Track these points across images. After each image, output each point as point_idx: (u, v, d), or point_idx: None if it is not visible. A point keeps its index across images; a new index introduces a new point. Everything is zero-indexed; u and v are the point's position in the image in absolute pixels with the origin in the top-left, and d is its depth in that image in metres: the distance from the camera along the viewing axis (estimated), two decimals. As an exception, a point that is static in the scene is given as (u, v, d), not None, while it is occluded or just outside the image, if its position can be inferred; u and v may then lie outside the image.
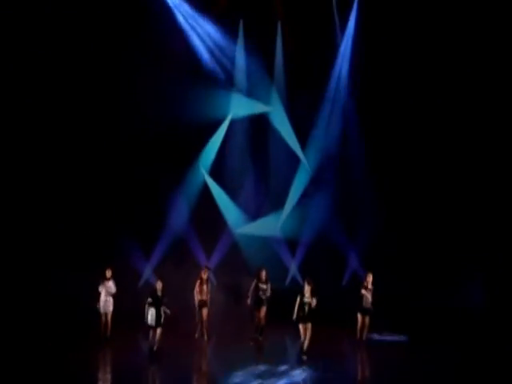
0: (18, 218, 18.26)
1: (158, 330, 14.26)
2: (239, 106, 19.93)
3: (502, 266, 18.40)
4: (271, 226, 19.87)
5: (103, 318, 15.54)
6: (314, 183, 19.92)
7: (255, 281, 16.27)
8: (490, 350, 15.06)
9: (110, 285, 15.64)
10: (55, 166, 18.67)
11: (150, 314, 14.28)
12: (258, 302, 16.19)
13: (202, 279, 16.16)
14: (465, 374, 13.20)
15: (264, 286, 16.14)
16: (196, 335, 16.15)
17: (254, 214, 20.08)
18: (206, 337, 16.15)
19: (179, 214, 19.39)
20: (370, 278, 15.80)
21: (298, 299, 14.21)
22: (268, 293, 16.15)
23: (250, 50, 19.59)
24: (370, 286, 15.77)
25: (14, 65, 17.82)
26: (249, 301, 16.22)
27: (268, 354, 15.23)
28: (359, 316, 15.80)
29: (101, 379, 12.98)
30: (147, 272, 18.89)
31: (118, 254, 17.93)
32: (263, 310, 16.19)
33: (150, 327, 14.28)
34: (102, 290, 15.55)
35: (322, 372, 13.39)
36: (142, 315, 14.45)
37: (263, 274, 16.27)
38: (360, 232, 19.41)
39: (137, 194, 18.99)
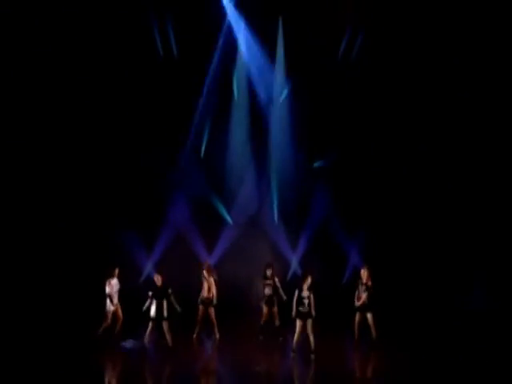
0: (17, 215, 18.42)
1: (164, 325, 14.31)
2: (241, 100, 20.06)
3: (505, 267, 18.41)
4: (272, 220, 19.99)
5: (110, 318, 15.49)
6: (315, 178, 19.88)
7: (262, 278, 16.30)
8: (493, 351, 15.05)
9: (115, 282, 15.62)
10: (56, 163, 18.80)
11: (152, 307, 14.38)
12: (265, 299, 16.15)
13: (203, 276, 16.10)
14: (466, 375, 13.17)
15: (270, 282, 16.17)
16: (194, 335, 16.03)
17: (255, 209, 20.13)
18: (217, 335, 15.97)
19: (180, 209, 19.47)
20: (364, 273, 15.72)
21: (296, 294, 14.22)
22: (277, 287, 16.08)
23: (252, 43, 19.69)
24: (365, 282, 15.65)
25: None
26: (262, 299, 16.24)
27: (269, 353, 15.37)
28: (357, 313, 15.65)
29: (101, 375, 13.13)
30: (148, 268, 18.96)
31: (118, 250, 18.05)
32: (274, 308, 16.12)
33: (151, 320, 14.34)
34: (111, 290, 15.52)
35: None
36: (144, 310, 14.53)
37: (268, 270, 16.23)
38: (361, 229, 19.39)
39: (138, 189, 19.12)
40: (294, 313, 14.22)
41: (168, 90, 19.30)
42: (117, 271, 15.58)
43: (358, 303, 15.48)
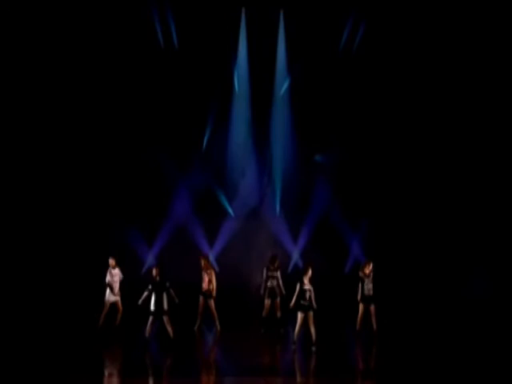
0: (21, 207, 18.46)
1: (165, 318, 14.35)
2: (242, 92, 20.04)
3: (506, 257, 18.44)
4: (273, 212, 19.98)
5: (108, 307, 15.59)
6: (316, 170, 19.85)
7: (265, 269, 16.31)
8: (493, 340, 15.08)
9: (117, 272, 15.71)
10: (58, 157, 18.84)
11: (152, 301, 14.39)
12: (268, 292, 16.20)
13: (203, 268, 16.16)
14: (468, 367, 13.12)
15: (274, 274, 16.17)
16: (195, 327, 16.15)
17: (256, 201, 20.12)
18: (218, 327, 16.09)
19: (182, 202, 19.49)
20: (370, 267, 15.77)
21: (298, 287, 14.25)
22: (279, 281, 16.15)
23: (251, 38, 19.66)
24: (367, 274, 15.71)
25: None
26: (262, 291, 16.23)
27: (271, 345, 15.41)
28: (361, 305, 15.79)
29: (103, 368, 13.13)
30: (150, 260, 18.99)
31: (120, 242, 18.15)
32: (276, 300, 16.11)
33: (151, 314, 14.37)
34: (112, 279, 15.57)
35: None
36: (145, 303, 14.55)
37: (274, 263, 16.23)
38: (363, 220, 19.41)
39: (140, 182, 19.14)
40: (292, 304, 14.25)
41: (168, 82, 19.28)
42: (111, 261, 15.64)
43: (369, 293, 15.59)
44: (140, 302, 14.37)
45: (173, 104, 19.27)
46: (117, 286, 15.63)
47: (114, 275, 15.62)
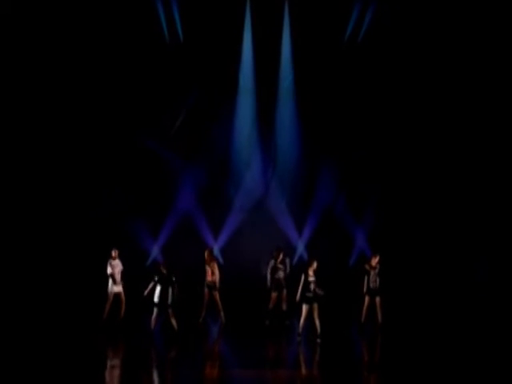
0: (26, 200, 18.48)
1: (169, 311, 14.36)
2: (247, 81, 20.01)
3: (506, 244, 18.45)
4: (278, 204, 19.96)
5: (112, 298, 15.65)
6: (320, 161, 19.80)
7: (272, 262, 16.29)
8: (498, 334, 15.09)
9: (118, 263, 15.78)
10: (62, 150, 18.84)
11: (156, 293, 14.40)
12: (274, 284, 16.21)
13: (206, 260, 16.20)
14: (473, 358, 13.13)
15: (281, 266, 16.18)
16: (200, 320, 16.18)
17: (261, 193, 20.10)
18: (223, 319, 16.16)
19: (187, 194, 19.50)
20: (376, 260, 15.80)
21: (302, 279, 14.25)
22: (287, 272, 16.15)
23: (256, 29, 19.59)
24: (374, 266, 15.75)
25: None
26: (268, 283, 16.24)
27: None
28: (366, 298, 15.81)
29: (107, 360, 13.18)
30: (155, 251, 19.03)
31: (125, 234, 18.16)
32: (282, 293, 16.16)
33: (156, 306, 14.38)
34: (113, 270, 15.65)
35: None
36: (149, 295, 14.57)
37: (280, 254, 16.25)
38: (368, 211, 19.38)
39: (144, 173, 19.14)
40: (298, 297, 14.26)
41: (173, 75, 19.24)
42: (113, 252, 15.72)
43: (373, 286, 15.60)
44: (145, 293, 14.41)
45: (177, 96, 19.24)
46: (118, 277, 15.68)
47: (115, 266, 15.68)
